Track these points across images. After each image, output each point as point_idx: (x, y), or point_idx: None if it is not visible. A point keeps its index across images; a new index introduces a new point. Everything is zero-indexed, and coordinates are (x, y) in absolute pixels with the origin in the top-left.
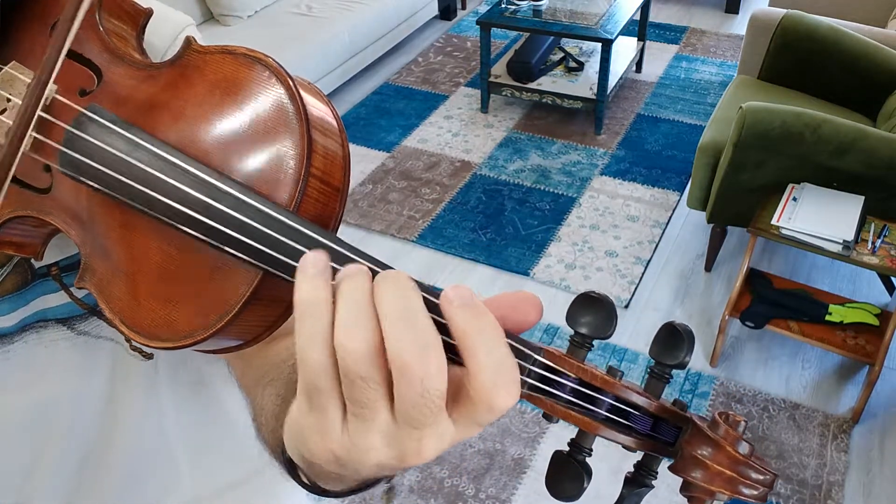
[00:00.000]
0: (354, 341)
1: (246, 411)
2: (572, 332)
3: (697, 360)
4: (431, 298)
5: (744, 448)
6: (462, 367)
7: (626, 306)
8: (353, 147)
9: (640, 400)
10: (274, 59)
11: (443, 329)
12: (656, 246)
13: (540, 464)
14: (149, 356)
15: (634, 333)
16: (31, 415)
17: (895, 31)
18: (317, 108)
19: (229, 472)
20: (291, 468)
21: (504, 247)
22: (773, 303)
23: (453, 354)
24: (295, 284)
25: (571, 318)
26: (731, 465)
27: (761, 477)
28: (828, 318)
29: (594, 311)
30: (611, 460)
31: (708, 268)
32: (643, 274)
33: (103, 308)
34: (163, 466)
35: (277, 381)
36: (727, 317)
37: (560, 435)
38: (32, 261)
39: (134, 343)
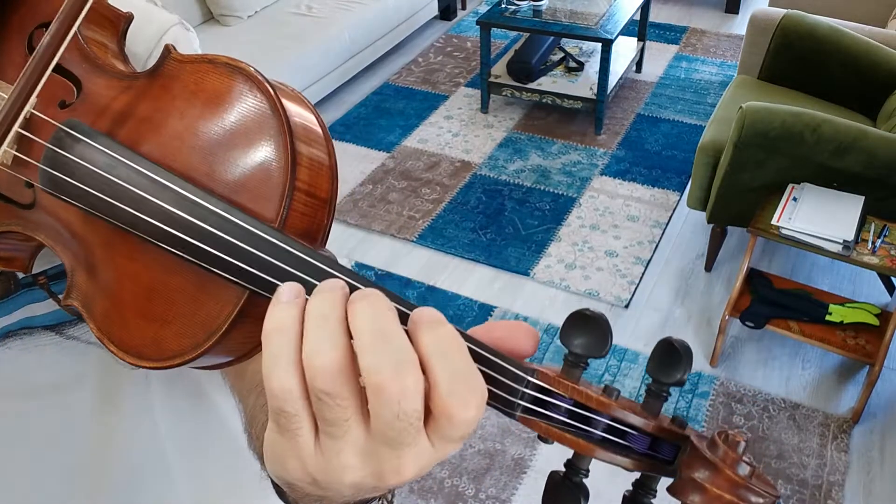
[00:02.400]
0: (319, 358)
1: (242, 420)
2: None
3: (697, 361)
4: (404, 309)
5: (744, 470)
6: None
7: (626, 306)
8: (353, 147)
9: (637, 420)
10: (255, 68)
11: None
12: (656, 246)
13: (540, 464)
14: None
15: (634, 333)
16: (18, 423)
17: (895, 31)
18: (300, 116)
19: (225, 482)
20: (278, 487)
21: (504, 247)
22: (773, 303)
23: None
24: (266, 313)
25: (565, 336)
26: (731, 488)
27: (761, 500)
28: (828, 318)
29: (588, 331)
30: None
31: (708, 268)
32: (643, 274)
33: (90, 326)
34: (158, 475)
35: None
36: (727, 317)
37: None
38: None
39: None
